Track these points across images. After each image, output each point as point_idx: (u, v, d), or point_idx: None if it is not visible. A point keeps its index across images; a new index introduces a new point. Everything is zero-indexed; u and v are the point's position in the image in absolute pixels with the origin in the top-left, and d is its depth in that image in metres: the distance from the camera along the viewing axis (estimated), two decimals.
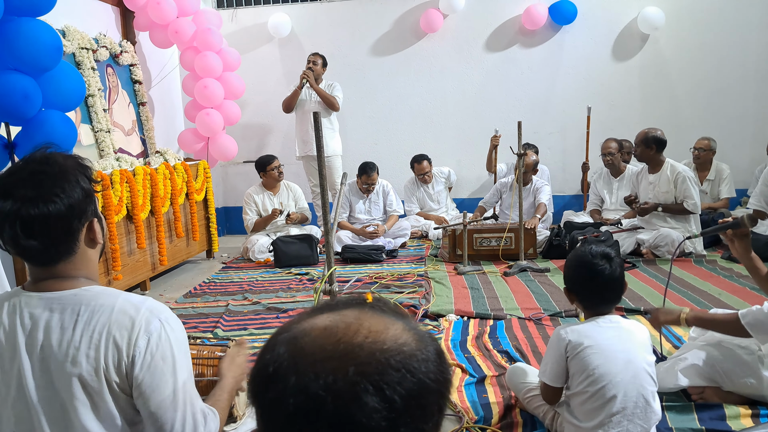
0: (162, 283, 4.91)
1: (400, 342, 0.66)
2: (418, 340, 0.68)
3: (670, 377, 2.36)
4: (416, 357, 0.66)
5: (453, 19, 6.69)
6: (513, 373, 2.43)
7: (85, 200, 1.32)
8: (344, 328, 0.66)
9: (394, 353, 0.64)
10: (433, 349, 0.69)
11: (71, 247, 1.32)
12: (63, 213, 1.28)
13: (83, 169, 1.34)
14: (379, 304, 0.74)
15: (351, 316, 0.69)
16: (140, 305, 1.31)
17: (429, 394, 0.65)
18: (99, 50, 4.82)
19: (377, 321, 0.69)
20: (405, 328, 0.69)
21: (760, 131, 6.43)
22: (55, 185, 1.28)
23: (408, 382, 0.63)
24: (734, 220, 2.38)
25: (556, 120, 6.76)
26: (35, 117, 3.45)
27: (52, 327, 1.27)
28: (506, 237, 5.02)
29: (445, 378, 0.68)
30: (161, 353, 1.28)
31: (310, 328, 0.68)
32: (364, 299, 0.75)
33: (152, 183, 4.57)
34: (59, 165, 1.31)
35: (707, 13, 6.44)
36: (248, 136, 6.92)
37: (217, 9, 6.87)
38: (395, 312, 0.73)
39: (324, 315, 0.70)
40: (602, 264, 1.97)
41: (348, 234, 5.66)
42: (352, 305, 0.73)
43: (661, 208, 4.89)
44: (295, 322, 0.71)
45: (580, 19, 6.52)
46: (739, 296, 3.76)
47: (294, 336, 0.67)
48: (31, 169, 1.29)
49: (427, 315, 3.66)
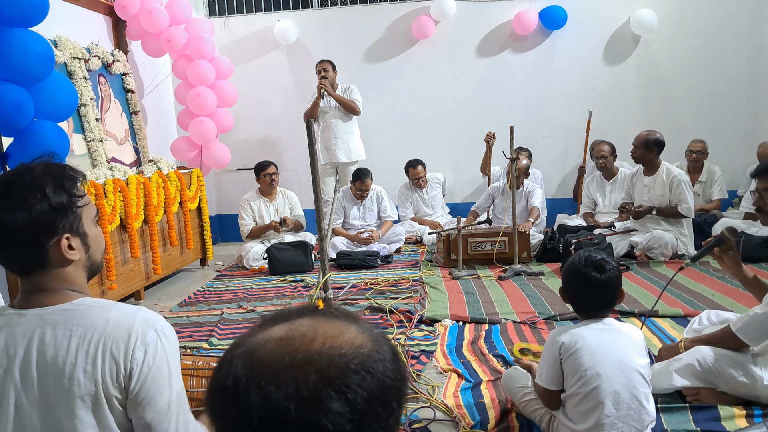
0: (156, 292, 4.89)
1: (357, 345, 0.68)
2: (373, 341, 0.70)
3: (665, 378, 2.38)
4: (373, 358, 0.67)
5: (445, 25, 6.72)
6: (509, 378, 2.43)
7: (52, 214, 1.27)
8: (300, 337, 0.67)
9: (352, 356, 0.66)
10: (388, 348, 0.71)
11: (40, 260, 1.29)
12: (22, 226, 1.25)
13: (63, 181, 1.30)
14: (331, 309, 0.75)
15: (305, 324, 0.70)
16: (134, 316, 1.29)
17: (388, 392, 0.67)
18: (91, 60, 4.81)
19: (331, 327, 0.70)
20: (359, 331, 0.71)
21: (751, 133, 6.48)
22: (18, 197, 1.25)
23: (368, 383, 0.65)
24: (716, 237, 2.44)
25: (548, 124, 6.79)
26: (27, 127, 3.44)
27: (47, 344, 1.24)
28: (500, 241, 5.03)
29: (402, 375, 0.70)
30: (158, 365, 1.27)
31: (265, 340, 0.68)
32: (315, 306, 0.76)
33: (145, 192, 4.56)
34: (33, 176, 1.28)
35: (698, 17, 6.49)
36: (242, 144, 6.92)
37: (210, 17, 6.88)
38: (348, 316, 0.74)
39: (277, 326, 0.71)
40: (594, 273, 2.00)
41: (343, 240, 5.66)
42: (304, 314, 0.73)
43: (656, 212, 4.91)
44: (247, 336, 0.71)
45: (570, 23, 6.56)
46: (732, 297, 3.77)
47: (249, 350, 0.68)
48: (6, 179, 1.28)
49: (422, 320, 3.65)
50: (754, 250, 4.50)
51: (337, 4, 6.94)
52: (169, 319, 3.86)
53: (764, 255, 4.50)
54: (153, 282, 4.84)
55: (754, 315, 2.26)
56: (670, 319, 3.43)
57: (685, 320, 3.35)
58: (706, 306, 3.54)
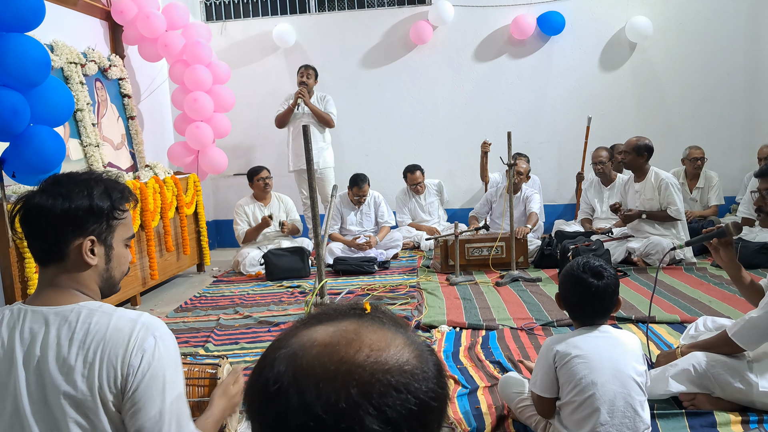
0: (153, 297, 4.88)
1: (402, 361, 0.66)
2: (419, 357, 0.68)
3: (661, 384, 2.37)
4: (417, 377, 0.65)
5: (442, 30, 6.73)
6: (505, 384, 2.42)
7: (87, 214, 1.33)
8: (345, 345, 0.66)
9: (396, 374, 0.64)
10: (433, 365, 0.68)
11: (58, 252, 1.34)
12: (56, 213, 1.31)
13: (112, 192, 1.37)
14: (378, 314, 0.73)
15: (351, 330, 0.68)
16: (135, 321, 1.30)
17: (430, 413, 0.65)
18: (87, 64, 4.82)
19: (378, 336, 0.68)
20: (405, 343, 0.68)
21: (748, 139, 6.49)
22: (66, 188, 1.33)
23: (410, 403, 0.63)
24: (719, 228, 2.42)
25: (546, 129, 6.80)
26: (24, 132, 3.43)
27: (50, 343, 1.26)
28: (497, 246, 5.03)
29: (445, 395, 0.68)
30: (152, 372, 1.27)
31: (310, 344, 0.67)
32: (362, 308, 0.74)
33: (142, 197, 4.55)
34: (89, 176, 1.37)
35: (694, 23, 6.52)
36: (239, 148, 6.92)
37: (207, 22, 6.89)
38: (394, 322, 0.72)
39: (322, 326, 0.69)
40: (591, 280, 1.98)
41: (340, 246, 5.65)
42: (350, 315, 0.72)
43: (645, 215, 4.93)
44: (291, 335, 0.69)
45: (568, 29, 6.58)
46: (729, 303, 3.76)
47: (294, 352, 0.66)
48: (68, 173, 1.38)
49: (419, 326, 3.64)
50: (751, 256, 4.50)
51: (334, 9, 6.95)
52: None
53: (761, 261, 4.50)
54: (149, 288, 4.83)
55: (749, 319, 2.26)
56: (667, 325, 3.43)
57: (681, 326, 3.35)
58: (702, 312, 3.54)
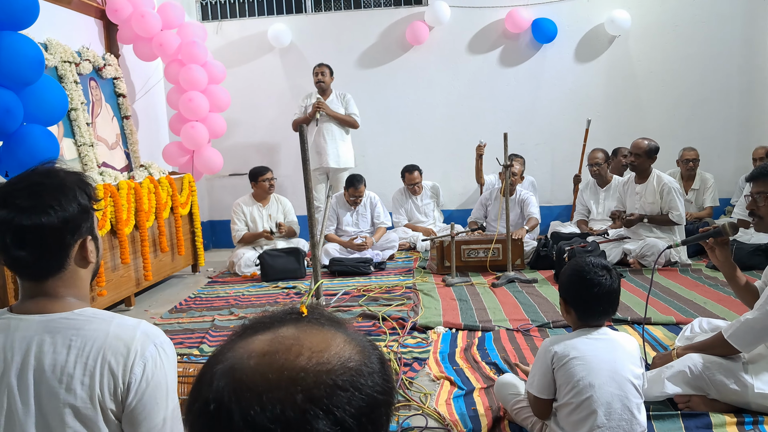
0: (147, 298, 4.85)
1: (345, 358, 0.64)
2: (361, 352, 0.67)
3: (657, 385, 2.37)
4: (362, 372, 0.64)
5: (439, 31, 6.73)
6: (501, 385, 2.41)
7: (80, 216, 1.31)
8: (284, 351, 0.64)
9: (340, 372, 0.63)
10: (376, 359, 0.67)
11: (62, 263, 1.31)
12: (56, 225, 1.27)
13: (84, 185, 1.34)
14: (315, 315, 0.72)
15: (288, 335, 0.66)
16: (135, 329, 1.28)
17: (378, 407, 0.64)
18: (82, 63, 4.78)
19: (317, 337, 0.66)
20: (346, 340, 0.67)
21: (743, 141, 6.50)
22: (52, 198, 1.28)
23: (357, 400, 0.62)
24: (715, 228, 2.42)
25: (543, 131, 6.80)
26: (17, 131, 3.41)
27: (45, 351, 1.23)
28: (494, 248, 5.02)
29: (391, 387, 0.67)
30: (156, 380, 1.26)
31: (248, 355, 0.64)
32: (298, 312, 0.72)
33: (136, 197, 4.53)
34: (60, 178, 1.31)
35: (690, 26, 6.52)
36: (234, 149, 6.90)
37: (202, 22, 6.86)
38: (333, 322, 0.71)
39: (259, 336, 0.67)
40: (602, 274, 1.97)
41: (336, 247, 5.64)
42: (287, 321, 0.70)
43: (647, 219, 4.92)
44: (228, 349, 0.67)
45: (562, 32, 6.58)
46: (724, 305, 3.77)
47: (231, 366, 0.64)
48: (32, 180, 1.30)
49: (415, 327, 3.63)
50: (746, 258, 4.51)
51: (331, 9, 6.94)
52: (159, 325, 3.83)
53: (756, 262, 4.50)
54: (143, 288, 4.80)
55: (745, 321, 2.27)
56: (662, 327, 3.43)
57: (677, 328, 3.35)
58: (698, 314, 3.54)
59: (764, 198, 2.32)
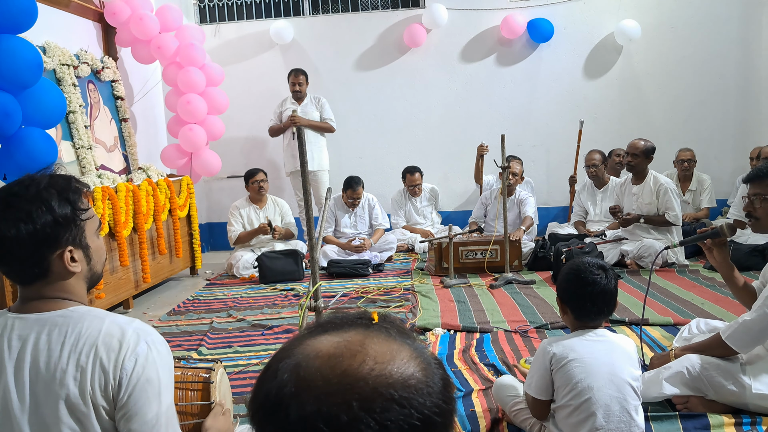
0: (145, 300, 4.85)
1: (407, 375, 0.64)
2: (424, 370, 0.66)
3: (655, 386, 2.38)
4: (422, 391, 0.63)
5: (436, 33, 6.74)
6: (499, 387, 2.42)
7: (56, 228, 1.28)
8: (349, 357, 0.64)
9: (400, 388, 0.62)
10: (439, 380, 0.66)
11: (41, 273, 1.30)
12: (23, 238, 1.25)
13: (68, 194, 1.30)
14: (386, 324, 0.71)
15: (356, 341, 0.67)
16: (127, 327, 1.29)
17: (434, 428, 0.63)
18: (80, 66, 4.79)
19: (384, 348, 0.66)
20: (412, 356, 0.67)
21: (740, 142, 6.52)
22: (21, 210, 1.26)
23: (412, 418, 0.61)
24: (713, 229, 2.43)
25: (539, 133, 6.81)
26: (15, 134, 3.42)
27: (40, 348, 1.25)
28: (491, 249, 5.03)
29: (450, 409, 0.66)
30: (147, 376, 1.27)
31: (314, 354, 0.65)
32: (369, 318, 0.73)
33: (135, 200, 4.53)
34: (37, 189, 1.28)
35: (686, 27, 6.54)
36: (232, 151, 6.90)
37: (200, 24, 6.87)
38: (402, 333, 0.70)
39: (327, 336, 0.68)
40: (598, 273, 1.98)
41: (334, 248, 5.64)
42: (357, 325, 0.70)
43: (643, 220, 4.93)
44: (296, 345, 0.68)
45: (558, 33, 6.59)
46: (722, 306, 3.78)
47: (297, 363, 0.65)
48: (11, 191, 1.29)
49: (413, 329, 3.64)
50: (743, 259, 4.52)
51: (329, 12, 6.95)
52: (158, 328, 3.83)
53: (753, 263, 4.51)
54: (142, 291, 4.80)
55: (743, 322, 2.27)
56: (660, 328, 3.44)
57: (675, 329, 3.36)
58: (695, 314, 3.54)
59: (761, 200, 2.33)
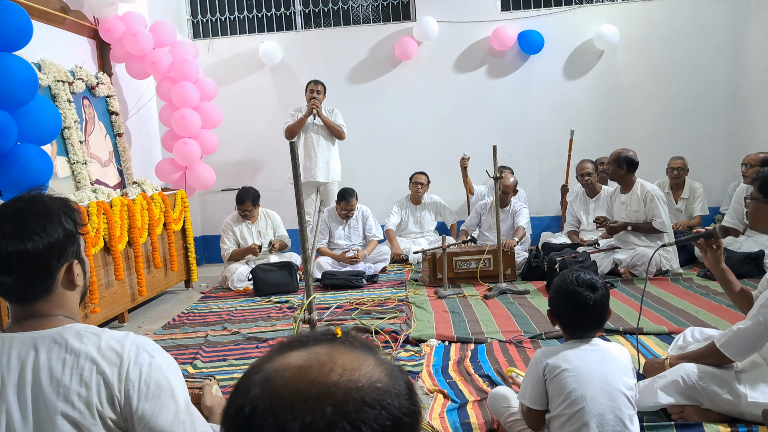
0: (140, 314, 4.85)
1: (374, 379, 0.68)
2: (390, 375, 0.70)
3: (650, 396, 2.38)
4: (390, 393, 0.67)
5: (427, 46, 6.79)
6: (494, 398, 2.43)
7: (66, 241, 1.33)
8: (318, 367, 0.67)
9: (369, 391, 0.66)
10: (403, 383, 0.71)
11: (48, 287, 1.33)
12: (40, 251, 1.29)
13: (69, 210, 1.36)
14: (349, 338, 0.75)
15: (323, 353, 0.70)
16: (124, 340, 1.32)
17: (403, 428, 0.67)
18: (75, 82, 4.81)
19: (350, 357, 0.70)
20: (376, 363, 0.71)
21: (732, 150, 6.56)
22: (37, 223, 1.30)
23: (383, 419, 0.65)
24: (707, 230, 2.44)
25: (531, 143, 6.86)
26: (11, 151, 3.43)
27: (41, 367, 1.26)
28: (485, 259, 5.05)
29: (416, 411, 0.70)
30: (156, 381, 1.29)
31: (284, 367, 0.69)
32: (333, 334, 0.76)
33: (130, 214, 4.54)
34: (45, 205, 1.33)
35: (676, 36, 6.61)
36: (226, 164, 6.92)
37: (194, 40, 6.91)
38: (365, 346, 0.74)
39: (295, 352, 0.71)
40: (588, 293, 1.99)
41: (328, 260, 5.65)
42: (322, 341, 0.74)
43: (630, 227, 4.98)
44: (265, 361, 0.71)
45: (548, 44, 6.65)
46: (716, 314, 3.79)
47: (268, 377, 0.68)
48: (17, 207, 1.32)
49: (408, 340, 3.65)
50: (736, 266, 4.53)
51: (321, 26, 7.00)
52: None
53: (746, 271, 4.54)
54: (137, 304, 4.80)
55: (737, 330, 2.27)
56: (654, 337, 3.45)
57: (669, 337, 3.37)
58: (690, 323, 3.56)
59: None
